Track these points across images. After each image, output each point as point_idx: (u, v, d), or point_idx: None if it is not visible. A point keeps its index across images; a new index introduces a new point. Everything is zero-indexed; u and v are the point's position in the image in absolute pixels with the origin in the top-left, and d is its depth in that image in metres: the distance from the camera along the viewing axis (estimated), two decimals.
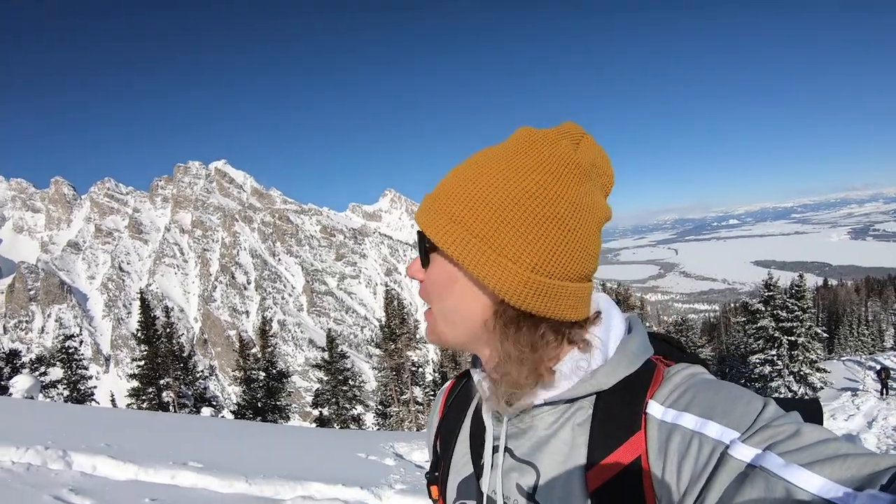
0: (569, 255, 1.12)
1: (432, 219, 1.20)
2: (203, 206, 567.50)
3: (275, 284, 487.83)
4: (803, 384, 39.42)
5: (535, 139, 1.18)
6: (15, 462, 7.41)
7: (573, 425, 1.19)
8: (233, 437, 14.36)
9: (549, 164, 1.14)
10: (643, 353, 1.19)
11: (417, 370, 40.64)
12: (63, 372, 33.65)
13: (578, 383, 1.17)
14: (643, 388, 1.15)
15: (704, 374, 1.18)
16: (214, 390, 41.17)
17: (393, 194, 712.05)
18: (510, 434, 1.28)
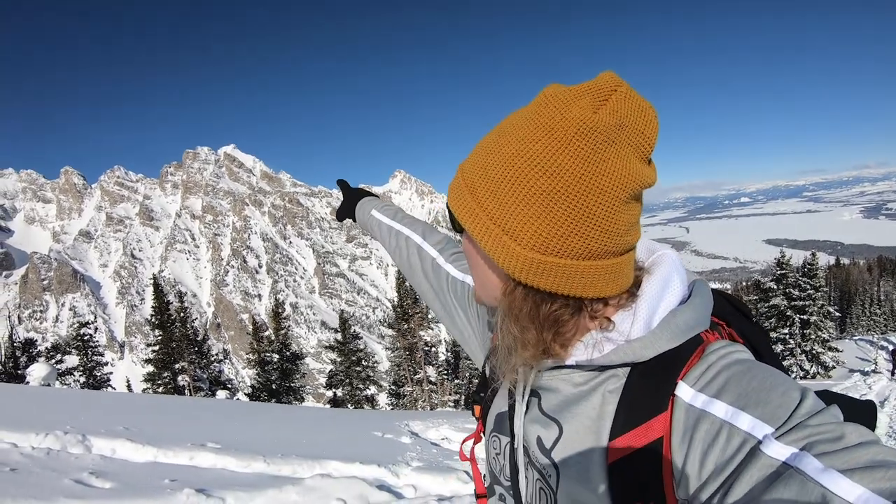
0: (577, 234, 1.05)
1: (456, 190, 1.18)
2: (213, 191, 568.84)
3: (286, 267, 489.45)
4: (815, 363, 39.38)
5: (550, 100, 1.07)
6: (35, 447, 7.46)
7: (605, 391, 1.16)
8: (249, 419, 14.42)
9: (558, 130, 1.03)
10: (691, 328, 1.12)
11: (430, 350, 40.73)
12: (79, 359, 33.85)
13: (612, 351, 1.13)
14: (679, 366, 1.09)
15: (742, 353, 1.10)
16: (229, 373, 41.42)
17: (403, 175, 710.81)
18: (542, 386, 1.26)
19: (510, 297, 1.15)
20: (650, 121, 1.06)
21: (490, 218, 1.10)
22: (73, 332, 35.17)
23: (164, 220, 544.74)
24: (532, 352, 1.16)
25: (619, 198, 1.04)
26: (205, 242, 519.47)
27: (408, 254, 2.03)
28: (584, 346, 1.17)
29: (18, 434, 7.98)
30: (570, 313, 1.14)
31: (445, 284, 1.84)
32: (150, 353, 35.42)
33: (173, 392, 33.19)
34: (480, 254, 1.19)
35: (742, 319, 1.26)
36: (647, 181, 1.08)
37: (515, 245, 1.07)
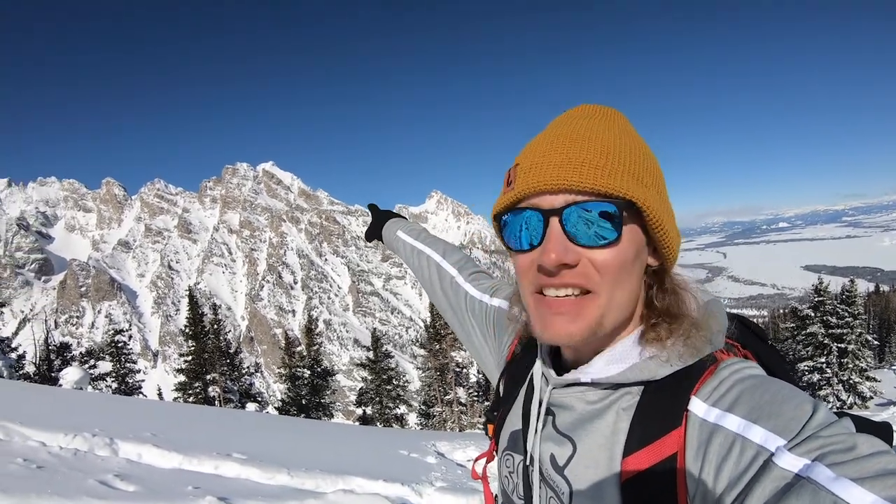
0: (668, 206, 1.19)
1: (616, 177, 1.13)
2: (251, 206, 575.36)
3: (321, 284, 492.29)
4: (852, 393, 38.43)
5: (618, 114, 1.25)
6: (63, 447, 7.53)
7: (618, 409, 1.17)
8: (276, 432, 14.42)
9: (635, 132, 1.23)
10: (706, 347, 1.14)
11: (461, 371, 40.54)
12: (112, 365, 34.23)
13: (627, 369, 1.16)
14: (692, 382, 1.12)
15: (754, 369, 1.13)
16: (260, 387, 41.57)
17: (439, 196, 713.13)
18: (556, 403, 1.28)
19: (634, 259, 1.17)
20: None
21: (663, 202, 1.18)
22: (108, 338, 35.60)
23: (202, 234, 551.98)
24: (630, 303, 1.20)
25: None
26: (241, 257, 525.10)
27: (428, 272, 2.10)
28: (602, 363, 1.19)
29: (47, 434, 8.07)
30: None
31: (464, 303, 1.87)
32: (183, 363, 35.67)
33: (203, 402, 33.36)
34: (645, 250, 1.20)
35: (758, 342, 1.27)
36: None
37: (675, 229, 1.20)
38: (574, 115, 1.23)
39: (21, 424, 8.29)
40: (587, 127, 1.17)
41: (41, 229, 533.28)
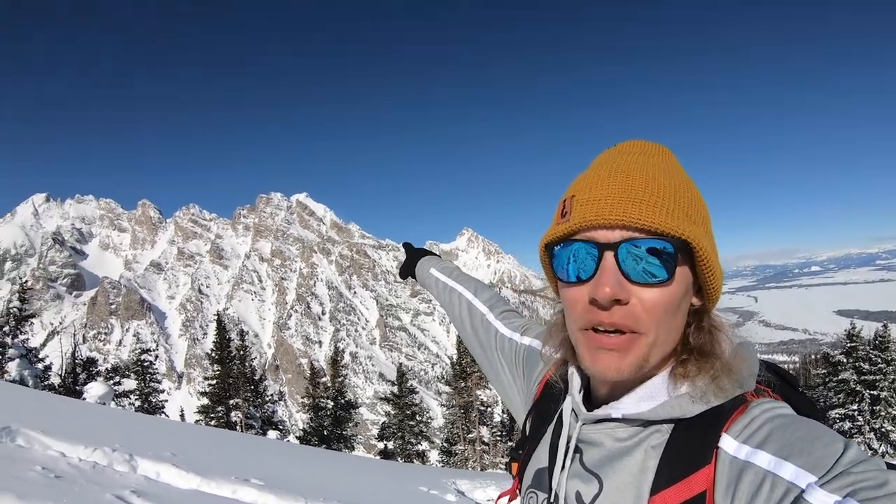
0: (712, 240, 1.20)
1: (673, 215, 1.14)
2: (283, 236, 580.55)
3: (349, 317, 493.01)
4: (884, 442, 37.38)
5: (668, 151, 1.26)
6: (82, 460, 7.49)
7: (647, 447, 1.17)
8: (296, 460, 14.31)
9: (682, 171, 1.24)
10: (737, 387, 1.14)
11: (486, 410, 40.20)
12: (136, 383, 34.41)
13: (659, 406, 1.15)
14: (722, 420, 1.11)
15: (784, 409, 1.13)
16: (282, 415, 41.53)
17: (470, 234, 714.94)
18: (585, 439, 1.27)
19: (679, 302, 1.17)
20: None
21: (710, 242, 1.19)
22: (135, 356, 35.82)
23: (234, 260, 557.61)
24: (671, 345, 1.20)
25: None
26: (271, 285, 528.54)
27: (459, 309, 2.10)
28: (632, 400, 1.19)
29: (68, 445, 8.04)
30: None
31: (494, 341, 1.85)
32: (207, 386, 35.77)
33: (225, 427, 33.32)
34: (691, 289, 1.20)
35: (789, 389, 1.26)
36: None
37: (720, 269, 1.20)
38: (627, 150, 1.23)
39: (43, 433, 8.29)
40: (643, 163, 1.18)
41: (76, 245, 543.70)
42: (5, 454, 6.78)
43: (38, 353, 30.33)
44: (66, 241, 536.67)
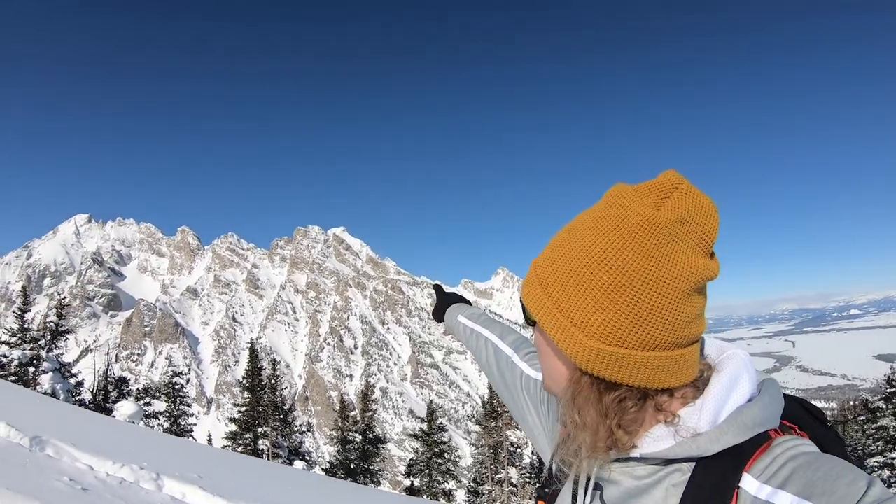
0: (641, 325, 1.11)
1: (529, 285, 1.26)
2: (319, 269, 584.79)
3: (381, 352, 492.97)
4: None
5: (615, 199, 1.18)
6: (109, 475, 7.42)
7: (668, 486, 1.16)
8: (322, 493, 14.15)
9: (622, 227, 1.13)
10: (758, 425, 1.12)
11: (515, 451, 39.65)
12: (166, 405, 34.64)
13: (677, 445, 1.14)
14: (744, 459, 1.10)
15: (808, 446, 1.11)
16: (309, 446, 41.34)
17: (505, 273, 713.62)
18: (604, 478, 1.26)
19: (575, 387, 1.19)
20: (710, 215, 1.14)
21: (559, 309, 1.17)
22: (166, 379, 36.09)
23: (269, 290, 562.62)
24: (592, 437, 1.18)
25: (681, 291, 1.11)
26: (305, 317, 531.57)
27: (486, 353, 2.11)
28: (650, 440, 1.17)
29: (96, 459, 7.99)
30: (634, 401, 1.17)
31: (519, 382, 1.87)
32: (237, 412, 35.81)
33: (252, 454, 33.23)
34: (550, 344, 1.24)
35: (817, 425, 1.25)
36: (710, 274, 1.15)
37: (582, 335, 1.14)
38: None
39: (72, 446, 8.25)
40: (558, 234, 1.28)
41: (114, 266, 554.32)
42: (34, 463, 6.73)
43: (71, 369, 30.78)
44: (105, 262, 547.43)
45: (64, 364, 30.32)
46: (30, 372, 28.69)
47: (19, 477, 5.86)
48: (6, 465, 6.19)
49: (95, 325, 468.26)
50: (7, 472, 5.89)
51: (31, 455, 7.25)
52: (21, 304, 30.77)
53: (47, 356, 29.31)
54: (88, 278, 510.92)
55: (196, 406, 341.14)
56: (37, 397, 15.72)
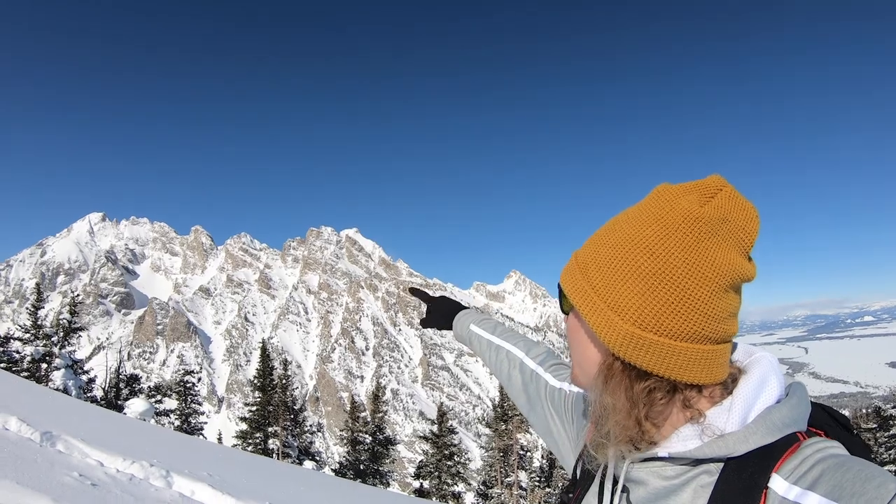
0: (677, 313, 1.12)
1: (569, 271, 1.27)
2: (331, 270, 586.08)
3: (392, 353, 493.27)
4: None
5: (661, 194, 1.21)
6: (119, 471, 7.42)
7: (696, 486, 1.16)
8: (331, 493, 14.14)
9: (666, 218, 1.15)
10: (787, 426, 1.13)
11: (525, 454, 39.56)
12: (177, 403, 34.82)
13: (706, 444, 1.14)
14: (773, 460, 1.10)
15: (837, 449, 1.11)
16: (319, 447, 41.39)
17: (518, 276, 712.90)
18: (632, 478, 1.26)
19: (607, 371, 1.19)
20: (752, 219, 1.17)
21: (596, 293, 1.19)
22: (178, 377, 36.30)
23: (281, 291, 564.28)
24: (620, 424, 1.19)
25: (718, 285, 1.12)
26: (317, 318, 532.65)
27: (508, 368, 2.05)
28: (677, 439, 1.18)
29: (107, 455, 8.00)
30: (663, 393, 1.17)
31: (543, 392, 1.86)
32: (247, 412, 35.93)
33: (262, 453, 33.29)
34: (584, 328, 1.25)
35: (842, 431, 1.24)
36: (747, 274, 1.17)
37: (618, 319, 1.15)
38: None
39: (83, 441, 8.26)
40: (601, 227, 1.30)
41: (128, 265, 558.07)
42: (45, 458, 6.74)
43: (83, 366, 31.01)
44: (119, 261, 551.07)
45: (76, 361, 30.53)
46: (42, 368, 28.93)
47: (30, 471, 5.87)
48: (17, 459, 6.20)
49: (108, 323, 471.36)
50: (18, 466, 5.90)
51: (41, 450, 7.26)
52: (35, 301, 31.00)
53: (60, 353, 29.52)
54: (102, 276, 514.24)
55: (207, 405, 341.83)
56: (49, 393, 15.78)
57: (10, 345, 30.20)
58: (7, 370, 24.66)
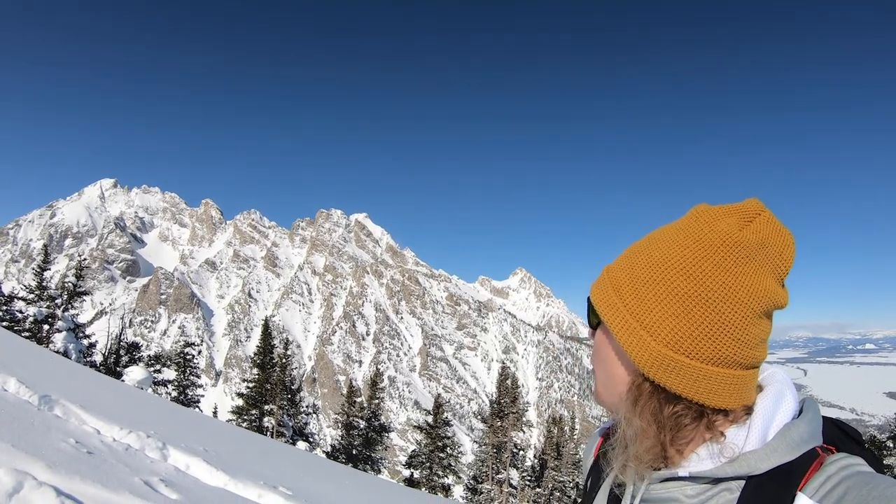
0: (711, 337, 1.11)
1: (600, 286, 1.27)
2: (338, 253, 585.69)
3: (392, 341, 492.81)
4: None
5: (700, 215, 1.19)
6: (116, 440, 7.40)
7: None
8: (324, 475, 14.13)
9: (705, 240, 1.14)
10: (806, 442, 1.13)
11: (518, 452, 39.64)
12: (176, 374, 34.91)
13: (727, 463, 1.13)
14: (797, 478, 1.09)
15: (862, 466, 1.11)
16: (313, 428, 41.46)
17: (523, 273, 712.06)
18: (648, 498, 1.24)
19: (636, 392, 1.18)
20: (788, 245, 1.16)
21: (630, 312, 1.18)
22: (178, 348, 36.37)
23: (286, 270, 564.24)
24: (649, 449, 1.17)
25: (753, 311, 1.11)
26: (320, 299, 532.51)
27: None
28: (698, 458, 1.16)
29: (104, 423, 7.99)
30: (691, 419, 1.16)
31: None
32: (245, 388, 36.02)
33: (257, 431, 33.38)
34: (613, 346, 1.24)
35: (854, 446, 1.22)
36: (781, 301, 1.15)
37: (651, 339, 1.14)
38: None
39: (81, 408, 8.25)
40: (636, 243, 1.30)
41: (136, 233, 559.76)
42: (42, 422, 6.71)
43: (84, 330, 31.13)
44: (127, 228, 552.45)
45: (78, 325, 30.62)
46: (44, 329, 29.03)
47: (26, 435, 5.84)
48: (14, 422, 6.17)
49: (112, 289, 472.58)
50: (14, 429, 5.87)
51: (39, 414, 7.24)
52: (41, 262, 31.05)
53: (63, 315, 29.61)
54: (109, 242, 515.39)
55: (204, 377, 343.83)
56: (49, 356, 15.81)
57: (13, 304, 30.33)
58: (9, 329, 24.77)
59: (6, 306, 30.12)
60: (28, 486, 4.41)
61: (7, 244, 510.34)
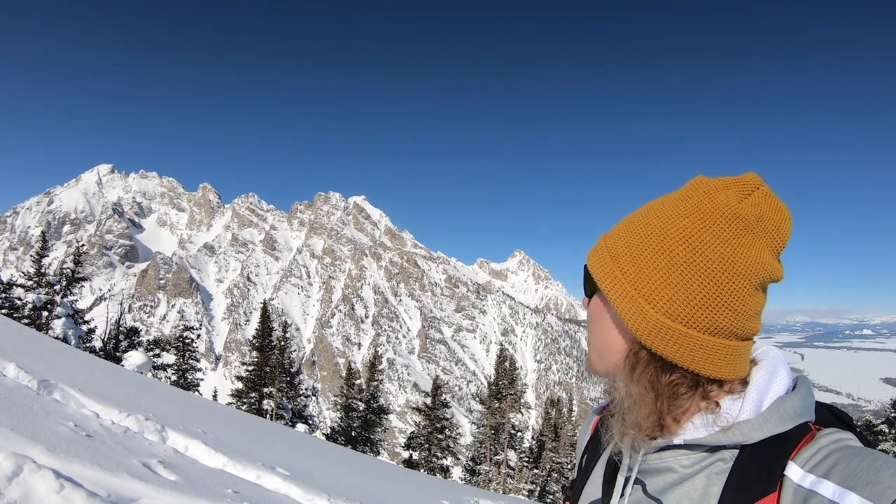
0: (708, 306, 1.12)
1: (597, 254, 1.26)
2: (336, 235, 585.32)
3: (391, 323, 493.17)
4: None
5: (699, 186, 1.20)
6: (115, 423, 7.48)
7: (710, 473, 1.16)
8: (323, 456, 14.25)
9: (705, 211, 1.15)
10: (800, 416, 1.14)
11: (516, 434, 39.82)
12: (175, 359, 35.03)
13: (721, 431, 1.15)
14: (789, 448, 1.11)
15: (852, 440, 1.13)
16: (312, 410, 41.66)
17: (522, 256, 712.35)
18: (645, 469, 1.25)
19: (633, 360, 1.19)
20: (785, 220, 1.17)
21: (628, 280, 1.18)
22: (177, 332, 36.48)
23: (285, 253, 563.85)
24: (647, 416, 1.18)
25: (750, 282, 1.13)
26: (318, 282, 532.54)
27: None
28: (693, 427, 1.18)
29: (103, 406, 8.09)
30: (687, 387, 1.16)
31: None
32: (244, 371, 36.16)
33: (256, 413, 33.53)
34: (611, 314, 1.24)
35: (844, 428, 1.22)
36: (776, 275, 1.17)
37: (649, 307, 1.14)
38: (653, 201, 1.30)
39: (80, 392, 8.34)
40: (634, 212, 1.29)
41: (134, 218, 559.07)
42: (41, 406, 6.80)
43: (84, 316, 31.17)
44: (125, 213, 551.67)
45: (77, 311, 30.70)
46: (43, 316, 29.11)
47: (25, 419, 5.92)
48: (13, 406, 6.25)
49: (111, 275, 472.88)
50: (14, 413, 5.96)
51: (38, 398, 7.32)
52: (39, 249, 31.06)
53: (61, 301, 29.68)
54: (107, 228, 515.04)
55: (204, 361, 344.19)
56: (48, 341, 15.86)
57: (12, 291, 30.38)
58: (8, 316, 24.83)
59: (5, 294, 30.14)
60: (27, 469, 4.50)
61: (5, 232, 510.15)
